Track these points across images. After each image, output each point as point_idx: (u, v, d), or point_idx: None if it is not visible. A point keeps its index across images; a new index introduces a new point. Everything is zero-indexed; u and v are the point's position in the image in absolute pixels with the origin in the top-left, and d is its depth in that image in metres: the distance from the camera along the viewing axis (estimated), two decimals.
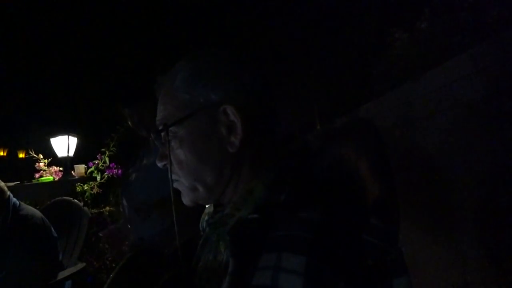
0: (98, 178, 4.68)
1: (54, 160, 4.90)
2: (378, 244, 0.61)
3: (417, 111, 2.04)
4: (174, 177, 0.78)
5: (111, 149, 4.62)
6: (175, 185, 0.79)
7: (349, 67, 4.02)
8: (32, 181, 4.67)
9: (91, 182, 4.68)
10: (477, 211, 1.63)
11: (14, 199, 2.37)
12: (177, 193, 0.79)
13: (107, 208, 4.43)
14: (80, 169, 4.86)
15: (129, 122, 2.13)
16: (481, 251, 1.61)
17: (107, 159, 4.65)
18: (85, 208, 3.55)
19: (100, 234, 2.12)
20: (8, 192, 2.35)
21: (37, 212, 2.45)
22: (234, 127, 0.72)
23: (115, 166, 4.56)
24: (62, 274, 2.48)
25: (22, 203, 2.43)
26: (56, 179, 4.74)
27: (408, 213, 2.14)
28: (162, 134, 0.76)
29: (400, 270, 0.62)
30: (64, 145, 4.90)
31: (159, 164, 0.79)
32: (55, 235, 2.49)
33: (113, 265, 3.61)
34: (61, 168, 4.85)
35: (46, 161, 4.80)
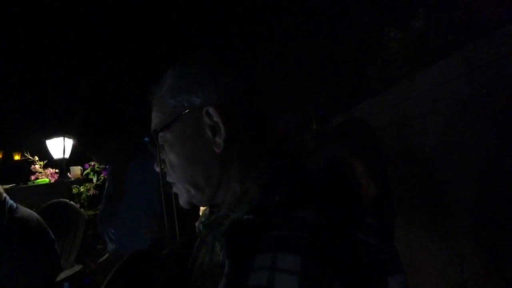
0: (94, 179, 4.67)
1: (49, 162, 4.87)
2: (373, 243, 0.61)
3: (412, 110, 2.05)
4: (170, 179, 0.80)
5: None
6: (174, 189, 0.82)
7: (344, 67, 4.03)
8: (28, 183, 4.65)
9: (87, 184, 4.67)
10: (473, 209, 1.64)
11: (11, 202, 2.35)
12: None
13: None
14: (76, 171, 4.84)
15: (91, 154, 2.07)
16: (477, 250, 1.62)
17: None
18: (82, 210, 3.54)
19: (93, 266, 2.10)
20: (4, 194, 2.33)
21: (33, 214, 2.43)
22: (218, 128, 0.73)
23: None
24: (59, 276, 2.47)
25: (19, 206, 2.41)
26: (52, 181, 4.72)
27: (405, 212, 2.15)
28: (154, 139, 0.79)
29: (395, 269, 0.62)
30: (59, 147, 4.88)
31: (157, 169, 0.82)
32: (53, 237, 2.48)
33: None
34: (57, 170, 4.82)
35: (41, 163, 4.77)
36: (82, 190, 4.65)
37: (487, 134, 1.52)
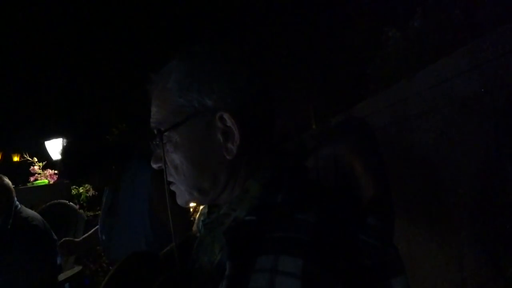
0: None
1: (48, 163, 4.87)
2: (375, 244, 0.60)
3: (411, 109, 2.05)
4: (170, 179, 0.77)
5: None
6: (171, 187, 0.78)
7: (344, 67, 4.03)
8: (27, 185, 4.65)
9: (86, 185, 4.67)
10: (473, 208, 1.64)
11: (17, 202, 2.39)
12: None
13: None
14: None
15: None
16: (477, 248, 1.62)
17: None
18: (81, 211, 3.54)
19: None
20: (14, 195, 2.36)
21: (37, 215, 2.46)
22: (231, 134, 0.69)
23: None
24: (59, 278, 2.48)
25: (23, 206, 2.44)
26: (51, 182, 4.72)
27: (404, 211, 2.15)
28: (158, 138, 0.74)
29: (397, 270, 0.62)
30: (58, 148, 4.87)
31: (155, 166, 0.77)
32: (55, 237, 2.50)
33: (110, 268, 3.60)
34: (56, 171, 4.82)
35: (40, 164, 4.77)
36: (81, 191, 4.64)
37: (486, 132, 1.52)
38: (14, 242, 2.23)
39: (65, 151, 1.97)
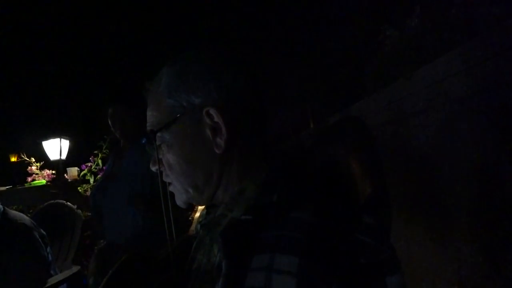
0: (92, 180, 4.66)
1: (46, 163, 4.86)
2: (371, 243, 0.60)
3: (408, 108, 2.05)
4: (167, 179, 0.79)
5: (104, 151, 4.59)
6: (169, 188, 0.80)
7: (341, 66, 4.03)
8: (24, 185, 4.63)
9: (84, 185, 4.66)
10: (471, 207, 1.64)
11: (0, 205, 2.36)
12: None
13: None
14: (73, 172, 4.82)
15: (109, 121, 2.16)
16: (475, 247, 1.62)
17: (100, 161, 4.62)
18: (79, 211, 3.53)
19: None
20: None
21: (22, 214, 2.44)
22: (218, 129, 0.72)
23: None
24: (56, 278, 2.46)
25: (6, 208, 2.42)
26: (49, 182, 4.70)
27: (402, 210, 2.15)
28: (152, 139, 0.77)
29: (393, 269, 0.62)
30: (56, 148, 4.86)
31: (153, 168, 0.80)
32: (44, 232, 2.48)
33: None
34: (53, 171, 4.80)
35: (38, 164, 4.75)
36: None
37: (483, 131, 1.52)
38: (6, 242, 2.22)
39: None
